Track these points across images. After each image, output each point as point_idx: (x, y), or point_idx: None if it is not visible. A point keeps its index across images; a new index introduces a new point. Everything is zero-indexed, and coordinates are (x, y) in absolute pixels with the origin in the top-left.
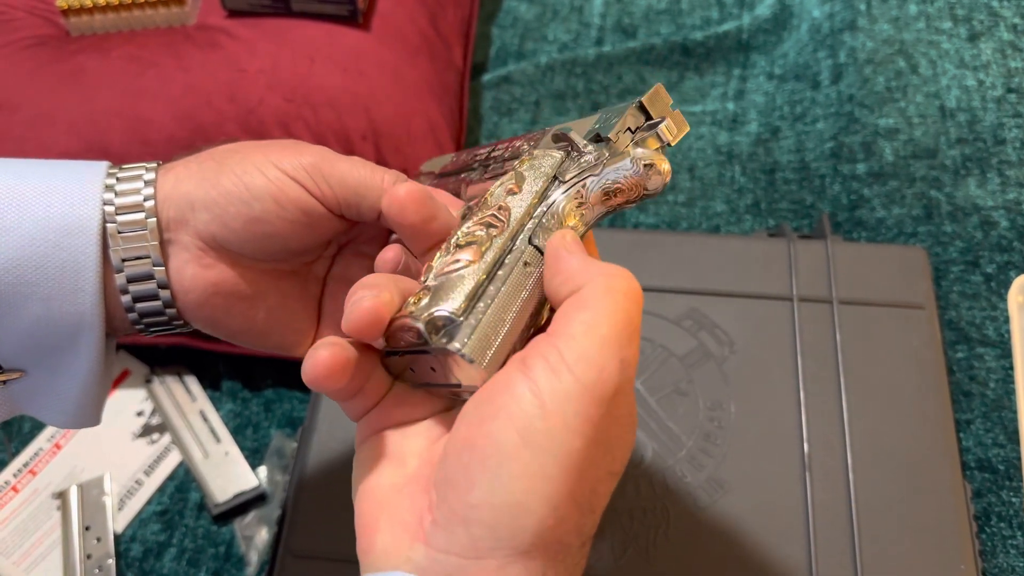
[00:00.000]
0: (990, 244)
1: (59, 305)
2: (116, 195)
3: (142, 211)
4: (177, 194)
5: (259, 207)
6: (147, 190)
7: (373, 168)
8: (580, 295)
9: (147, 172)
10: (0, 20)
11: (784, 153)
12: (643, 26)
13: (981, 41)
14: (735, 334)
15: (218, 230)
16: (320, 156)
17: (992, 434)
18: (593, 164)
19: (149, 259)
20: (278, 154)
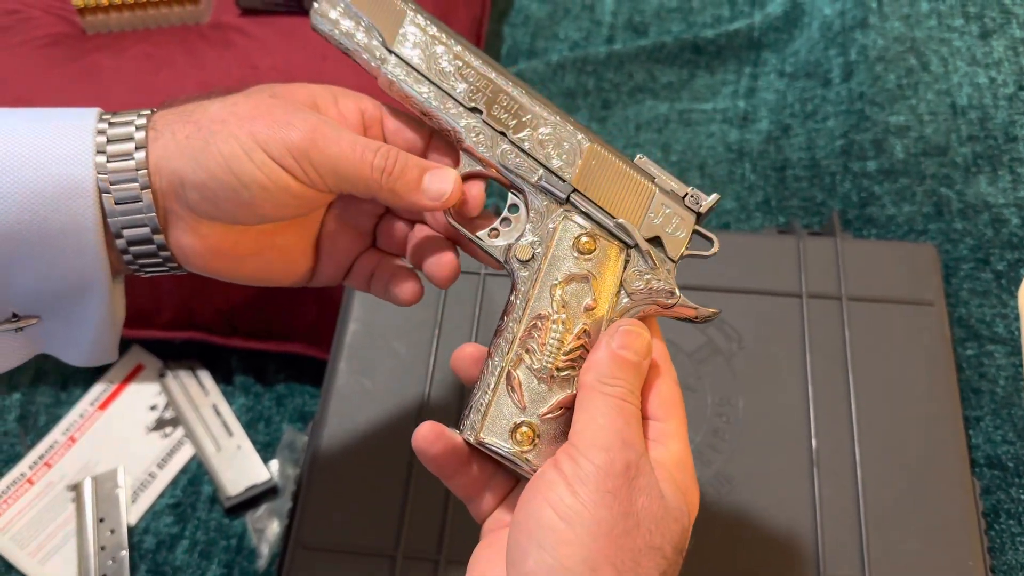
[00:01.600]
0: (1001, 241)
1: (63, 262)
2: (108, 158)
3: (136, 181)
4: (167, 169)
5: (247, 194)
6: (139, 155)
7: (363, 152)
8: (581, 394)
9: (137, 130)
10: (17, 18)
11: (795, 150)
12: (654, 24)
13: (993, 38)
14: (744, 330)
15: (209, 208)
16: (309, 136)
17: (1001, 431)
18: (664, 290)
19: (148, 227)
20: (264, 129)
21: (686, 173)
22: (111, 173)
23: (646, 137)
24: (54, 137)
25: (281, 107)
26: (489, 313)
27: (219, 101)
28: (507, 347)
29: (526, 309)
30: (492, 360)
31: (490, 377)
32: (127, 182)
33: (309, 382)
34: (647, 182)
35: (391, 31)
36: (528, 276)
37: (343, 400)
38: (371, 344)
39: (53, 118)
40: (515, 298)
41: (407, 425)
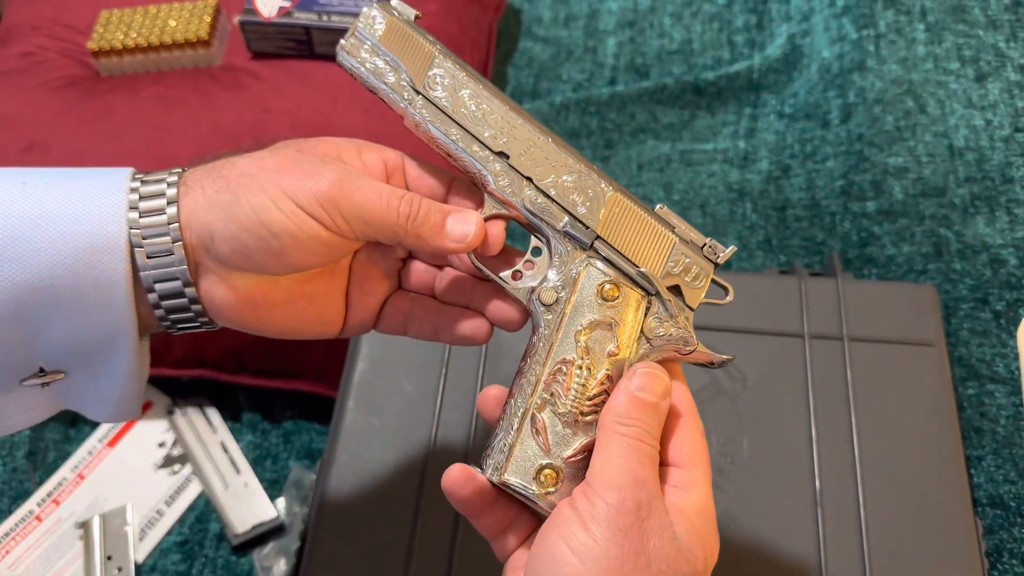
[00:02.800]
0: (999, 282)
1: (93, 316)
2: (140, 214)
3: (168, 235)
4: (197, 223)
5: (277, 244)
6: (170, 209)
7: (389, 199)
8: (600, 434)
9: (168, 187)
10: (33, 61)
11: (795, 191)
12: (655, 66)
13: (988, 81)
14: (748, 370)
15: (240, 260)
16: (336, 185)
17: (1003, 471)
18: (682, 338)
19: (179, 280)
20: (293, 181)
21: (688, 212)
22: (143, 228)
23: (648, 176)
24: (87, 195)
25: (308, 160)
26: (496, 353)
27: (247, 156)
28: (530, 389)
29: (550, 352)
30: (514, 401)
31: (513, 418)
32: (158, 236)
33: (316, 419)
34: (668, 232)
35: (419, 73)
36: (552, 320)
37: (351, 439)
38: (379, 383)
39: (87, 176)
40: (537, 340)
41: (415, 464)
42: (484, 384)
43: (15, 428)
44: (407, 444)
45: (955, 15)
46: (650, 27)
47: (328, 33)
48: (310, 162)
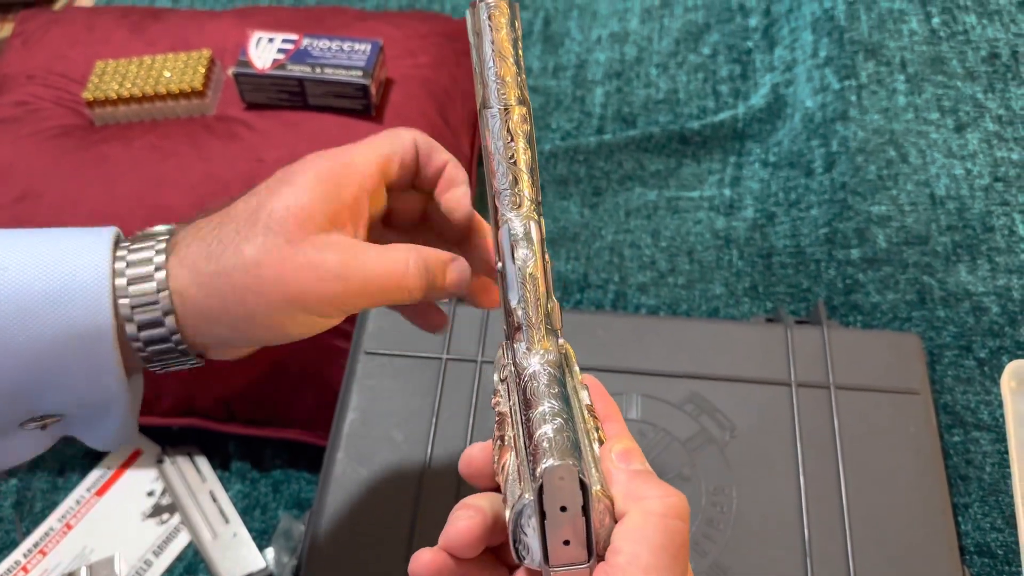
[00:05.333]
0: (982, 329)
1: (84, 391)
2: (130, 298)
3: (163, 327)
4: (196, 319)
5: (288, 339)
6: (163, 297)
7: (401, 279)
8: (624, 524)
9: (157, 270)
10: (28, 110)
11: (780, 238)
12: (642, 115)
13: (968, 132)
14: (736, 419)
15: (244, 349)
16: (342, 285)
17: (990, 518)
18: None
19: (174, 352)
20: (298, 289)
21: (675, 259)
22: (134, 309)
23: (636, 223)
24: (69, 280)
25: (304, 249)
26: (486, 400)
27: (240, 242)
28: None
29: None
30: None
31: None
32: (153, 327)
33: (306, 468)
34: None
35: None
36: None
37: (341, 488)
38: (369, 433)
39: (61, 253)
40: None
41: (404, 514)
42: (474, 433)
43: (17, 462)
44: (396, 494)
45: (934, 67)
46: (636, 77)
47: (321, 85)
48: (307, 251)
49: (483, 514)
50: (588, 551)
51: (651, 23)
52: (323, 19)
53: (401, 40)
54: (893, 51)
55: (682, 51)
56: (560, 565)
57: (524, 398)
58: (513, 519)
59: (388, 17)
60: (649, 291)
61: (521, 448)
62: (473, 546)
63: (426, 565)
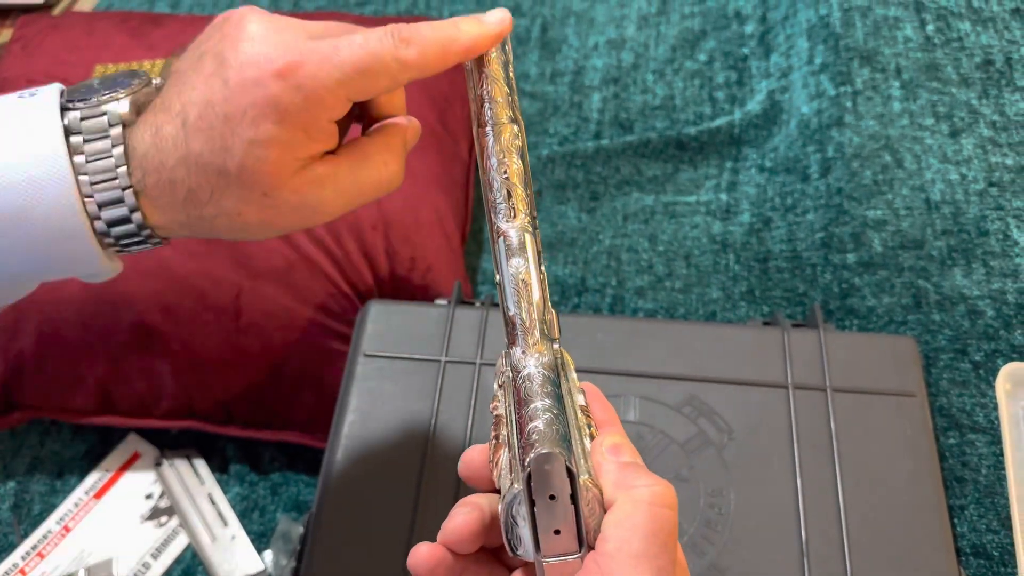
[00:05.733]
0: (977, 333)
1: (62, 271)
2: (101, 209)
3: (130, 221)
4: (171, 230)
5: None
6: (136, 218)
7: (384, 185)
8: (613, 512)
9: (125, 190)
10: None
11: (776, 243)
12: (639, 121)
13: (962, 137)
14: (734, 421)
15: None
16: (326, 214)
17: (985, 520)
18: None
19: (143, 243)
20: (284, 224)
21: (673, 263)
22: (100, 206)
23: (634, 228)
24: (37, 191)
25: (283, 195)
26: (485, 403)
27: (217, 196)
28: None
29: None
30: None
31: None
32: (121, 224)
33: (304, 471)
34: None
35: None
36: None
37: (339, 490)
38: (368, 435)
39: (18, 134)
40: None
41: (403, 516)
42: (473, 436)
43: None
44: (395, 496)
45: (928, 73)
46: (634, 83)
47: None
48: (286, 197)
49: (481, 511)
50: (579, 541)
51: (648, 30)
52: None
53: None
54: (888, 58)
55: (679, 58)
56: (551, 555)
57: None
58: (505, 509)
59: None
60: (646, 295)
61: (514, 443)
62: (470, 541)
63: (424, 558)
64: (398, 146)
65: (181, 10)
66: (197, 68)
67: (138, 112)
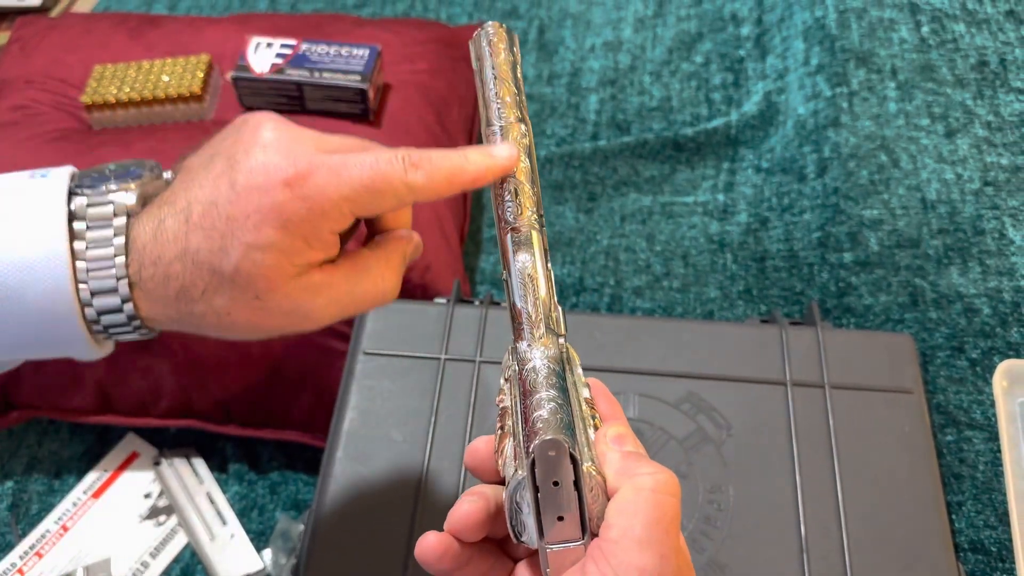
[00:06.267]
0: (974, 330)
1: (54, 352)
2: (93, 296)
3: (121, 311)
4: (159, 323)
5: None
6: (128, 309)
7: (378, 297)
8: (616, 499)
9: (124, 302)
10: (26, 114)
11: (773, 242)
12: (636, 122)
13: (958, 137)
14: (732, 418)
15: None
16: (316, 321)
17: (983, 516)
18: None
19: (131, 333)
20: (272, 327)
21: (670, 263)
22: (94, 294)
23: (631, 228)
24: (30, 268)
25: (275, 299)
26: (484, 400)
27: (209, 293)
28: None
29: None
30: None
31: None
32: (113, 313)
33: (303, 470)
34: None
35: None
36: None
37: (339, 488)
38: (368, 433)
39: (16, 228)
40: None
41: (403, 514)
42: (473, 433)
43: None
44: (395, 494)
45: (924, 74)
46: (630, 85)
47: (320, 89)
48: (278, 301)
49: (487, 499)
50: (582, 528)
51: (644, 32)
52: (321, 26)
53: (399, 46)
54: (884, 59)
55: (675, 59)
56: (555, 541)
57: (523, 388)
58: (509, 496)
59: (386, 24)
60: (644, 294)
61: (518, 432)
62: (475, 529)
63: (432, 546)
64: (397, 260)
65: (179, 12)
66: (208, 167)
67: (144, 203)
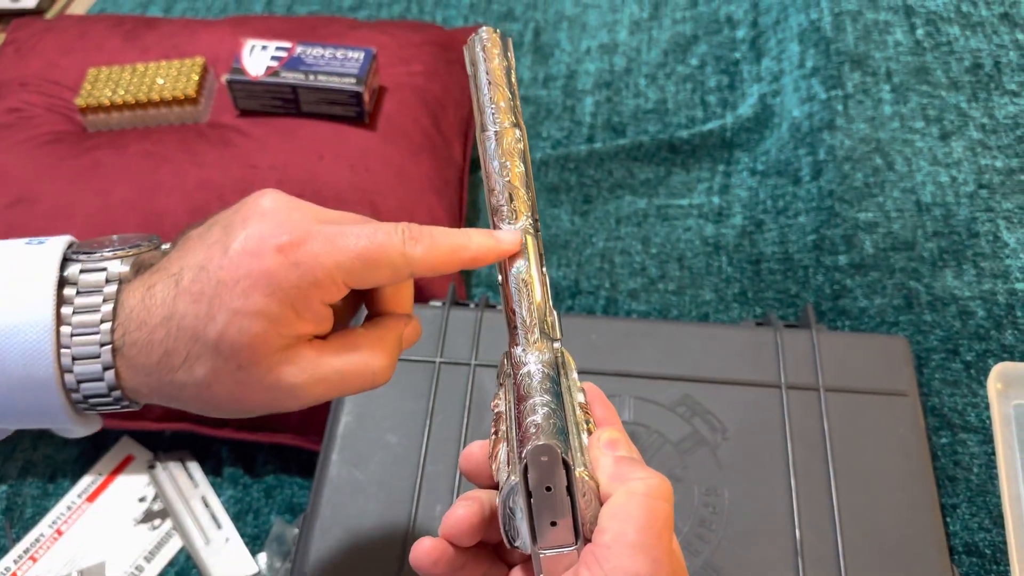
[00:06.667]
0: (968, 333)
1: (34, 422)
2: (74, 362)
3: (102, 380)
4: (142, 395)
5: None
6: (109, 377)
7: (364, 382)
8: (609, 504)
9: (105, 369)
10: (21, 116)
11: (768, 245)
12: (632, 125)
13: (952, 140)
14: (727, 420)
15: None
16: (299, 399)
17: (978, 518)
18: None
19: (112, 405)
20: (254, 404)
21: (666, 265)
22: (76, 365)
23: (627, 231)
24: (9, 336)
25: (258, 373)
26: (480, 403)
27: (191, 361)
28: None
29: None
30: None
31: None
32: (94, 382)
33: (298, 473)
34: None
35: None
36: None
37: (335, 491)
38: (363, 435)
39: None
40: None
41: (399, 517)
42: (468, 435)
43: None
44: (391, 497)
45: (919, 77)
46: (626, 87)
47: (315, 92)
48: (261, 375)
49: (481, 504)
50: (575, 533)
51: (640, 35)
52: (316, 28)
53: (394, 49)
54: (879, 61)
55: (671, 62)
56: (548, 547)
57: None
58: (502, 501)
59: (381, 26)
60: (640, 297)
61: (512, 437)
62: (470, 534)
63: (427, 551)
64: (392, 344)
65: (174, 14)
66: (204, 236)
67: (138, 271)
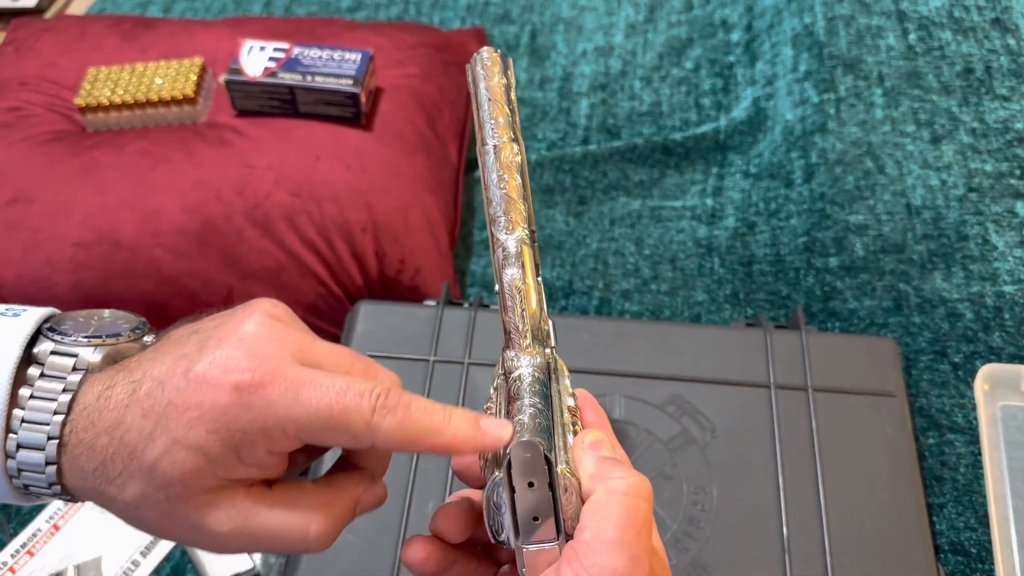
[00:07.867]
0: (956, 335)
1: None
2: (19, 450)
3: (43, 473)
4: (74, 487)
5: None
6: (50, 470)
7: (296, 542)
8: (590, 502)
9: (47, 464)
10: (20, 115)
11: (760, 247)
12: (626, 127)
13: (943, 144)
14: (717, 420)
15: None
16: (223, 545)
17: (964, 518)
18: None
19: (53, 498)
20: (177, 536)
21: (659, 266)
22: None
23: (621, 232)
24: None
25: (185, 509)
26: (473, 402)
27: (125, 478)
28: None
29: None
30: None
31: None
32: (37, 475)
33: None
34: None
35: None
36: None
37: None
38: None
39: None
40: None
41: (393, 514)
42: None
43: None
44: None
45: (910, 81)
46: (621, 90)
47: (312, 93)
48: (187, 512)
49: (470, 502)
50: (557, 528)
51: (635, 38)
52: (314, 29)
53: (391, 50)
54: (871, 66)
55: (665, 65)
56: (531, 542)
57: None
58: (487, 495)
59: (378, 28)
60: (633, 298)
61: None
62: (458, 530)
63: (417, 549)
64: (340, 509)
65: (173, 14)
66: (180, 343)
67: (112, 361)
